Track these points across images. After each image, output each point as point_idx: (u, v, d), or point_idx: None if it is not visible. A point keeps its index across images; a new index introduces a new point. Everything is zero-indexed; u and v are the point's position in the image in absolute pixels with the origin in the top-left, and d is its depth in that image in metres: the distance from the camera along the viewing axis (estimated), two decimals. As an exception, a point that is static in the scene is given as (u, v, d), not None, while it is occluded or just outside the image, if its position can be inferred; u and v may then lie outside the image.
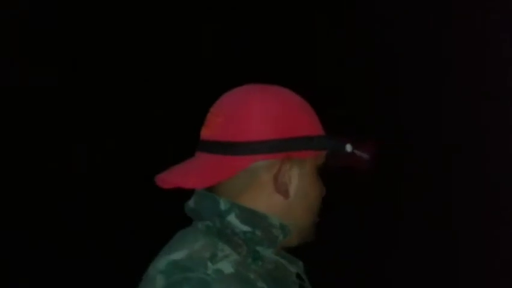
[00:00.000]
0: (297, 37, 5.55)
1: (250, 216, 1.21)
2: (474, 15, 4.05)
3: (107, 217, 5.46)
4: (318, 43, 5.52)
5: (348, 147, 1.29)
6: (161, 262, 1.18)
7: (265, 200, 1.22)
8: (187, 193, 1.27)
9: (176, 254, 1.18)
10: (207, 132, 1.24)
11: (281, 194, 1.22)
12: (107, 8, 5.74)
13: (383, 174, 3.82)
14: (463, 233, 4.12)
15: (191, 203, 1.26)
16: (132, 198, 5.55)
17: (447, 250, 4.24)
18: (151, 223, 5.31)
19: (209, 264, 1.14)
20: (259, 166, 1.21)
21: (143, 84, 5.88)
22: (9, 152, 5.59)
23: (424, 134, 4.55)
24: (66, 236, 5.32)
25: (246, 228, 1.20)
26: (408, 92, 4.68)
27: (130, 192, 5.56)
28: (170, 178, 1.23)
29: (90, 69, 5.84)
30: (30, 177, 5.63)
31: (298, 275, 1.29)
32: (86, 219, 5.48)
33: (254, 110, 1.21)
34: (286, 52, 5.53)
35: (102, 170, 5.78)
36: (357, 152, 1.30)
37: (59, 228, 5.36)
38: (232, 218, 1.20)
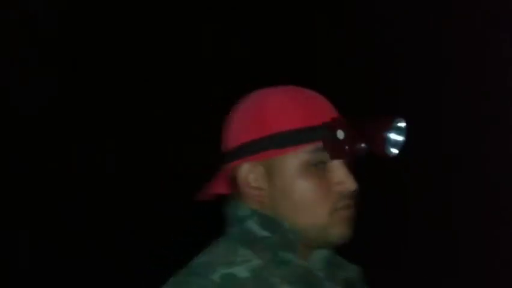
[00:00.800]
0: (297, 37, 5.55)
1: (268, 222, 1.19)
2: (474, 15, 4.04)
3: (107, 217, 5.46)
4: (318, 43, 5.51)
5: (340, 134, 1.15)
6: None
7: (252, 205, 1.21)
8: (188, 194, 1.29)
9: (198, 257, 1.19)
10: None
11: (251, 198, 1.20)
12: (107, 8, 5.74)
13: (382, 174, 3.82)
14: (463, 233, 4.11)
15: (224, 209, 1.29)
16: (132, 198, 5.55)
17: (447, 250, 4.24)
18: (151, 223, 5.32)
19: (220, 269, 1.14)
20: (236, 173, 1.21)
21: (143, 84, 5.88)
22: (9, 152, 5.59)
23: (424, 133, 4.54)
24: (66, 236, 5.32)
25: (265, 233, 1.19)
26: (408, 92, 4.67)
27: (130, 192, 5.56)
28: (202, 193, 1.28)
29: (90, 69, 5.83)
30: (30, 177, 5.63)
31: (348, 283, 1.27)
32: (86, 219, 5.48)
33: (232, 117, 1.23)
34: (286, 52, 5.53)
35: (102, 170, 5.78)
36: (358, 136, 1.16)
37: (59, 228, 5.36)
38: (251, 224, 1.20)
